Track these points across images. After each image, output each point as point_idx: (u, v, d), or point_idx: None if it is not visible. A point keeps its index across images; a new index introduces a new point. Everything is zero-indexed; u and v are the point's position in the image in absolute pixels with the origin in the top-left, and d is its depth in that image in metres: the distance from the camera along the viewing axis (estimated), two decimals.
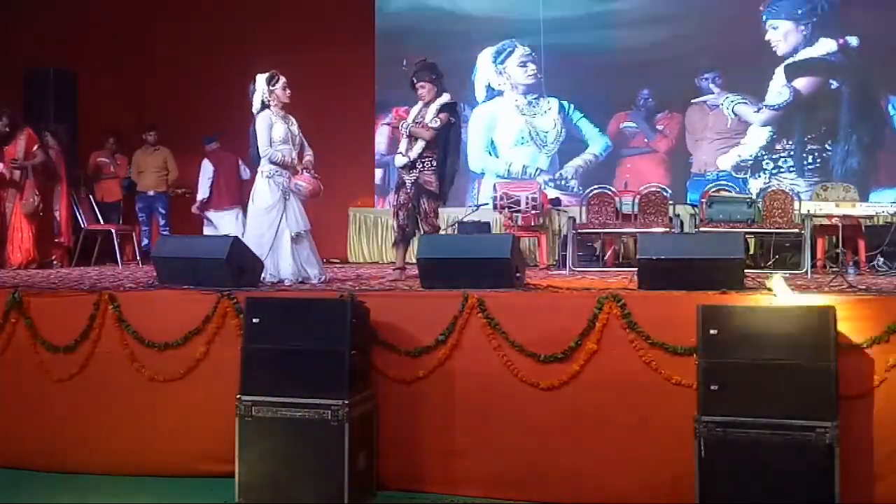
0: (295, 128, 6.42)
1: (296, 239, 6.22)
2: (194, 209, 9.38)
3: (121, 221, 9.84)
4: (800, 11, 10.03)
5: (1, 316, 5.53)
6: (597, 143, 10.65)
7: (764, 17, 10.13)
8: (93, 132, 10.14)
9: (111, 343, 5.38)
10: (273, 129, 6.24)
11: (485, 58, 10.93)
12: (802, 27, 10.03)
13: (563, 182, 10.57)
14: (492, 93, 10.95)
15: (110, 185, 10.05)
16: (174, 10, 11.14)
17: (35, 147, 8.58)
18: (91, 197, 9.80)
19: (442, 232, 7.68)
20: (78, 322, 5.43)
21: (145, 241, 9.87)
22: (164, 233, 9.72)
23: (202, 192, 9.31)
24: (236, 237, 5.91)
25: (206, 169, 9.33)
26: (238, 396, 4.69)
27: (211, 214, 9.35)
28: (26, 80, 10.23)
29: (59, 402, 5.43)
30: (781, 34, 10.09)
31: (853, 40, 9.87)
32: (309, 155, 6.46)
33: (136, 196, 10.06)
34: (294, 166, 6.31)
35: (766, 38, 10.10)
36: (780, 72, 10.06)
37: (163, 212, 9.97)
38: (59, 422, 5.41)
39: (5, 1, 10.87)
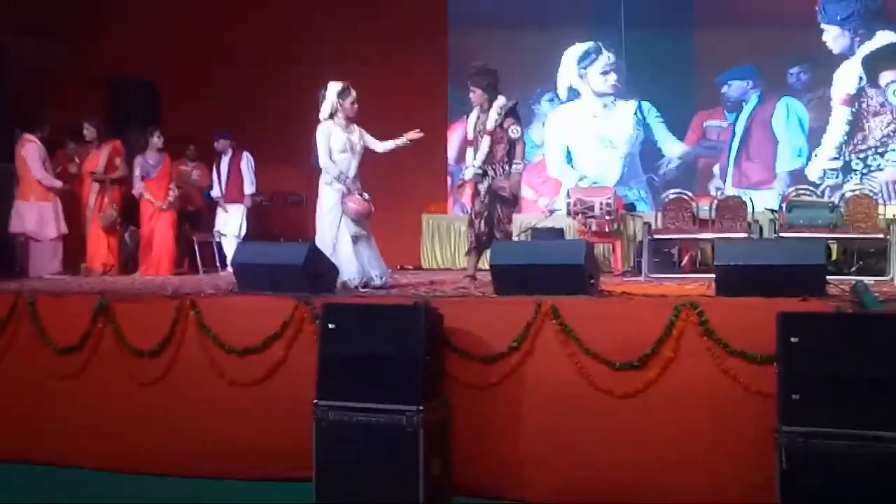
0: (356, 136, 6.50)
1: (356, 240, 6.31)
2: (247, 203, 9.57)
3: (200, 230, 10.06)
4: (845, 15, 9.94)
5: (89, 321, 5.72)
6: (672, 148, 10.52)
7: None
8: (175, 141, 10.41)
9: (193, 348, 5.51)
10: (332, 139, 6.37)
11: (569, 59, 10.86)
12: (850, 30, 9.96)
13: (643, 192, 10.47)
14: (572, 94, 10.90)
15: (190, 194, 10.28)
16: (251, 21, 11.37)
17: (118, 159, 8.83)
18: None
19: (515, 238, 7.67)
20: (161, 327, 5.57)
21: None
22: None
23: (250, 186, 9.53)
24: (312, 243, 6.02)
25: (252, 161, 9.54)
26: (315, 401, 4.75)
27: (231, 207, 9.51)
28: (110, 91, 10.57)
29: (144, 405, 5.58)
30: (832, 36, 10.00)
31: None
32: None
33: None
34: (348, 185, 6.39)
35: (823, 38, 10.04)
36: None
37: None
38: (143, 425, 5.56)
39: (90, 15, 11.24)
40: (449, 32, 11.23)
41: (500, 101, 6.50)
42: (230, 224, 9.33)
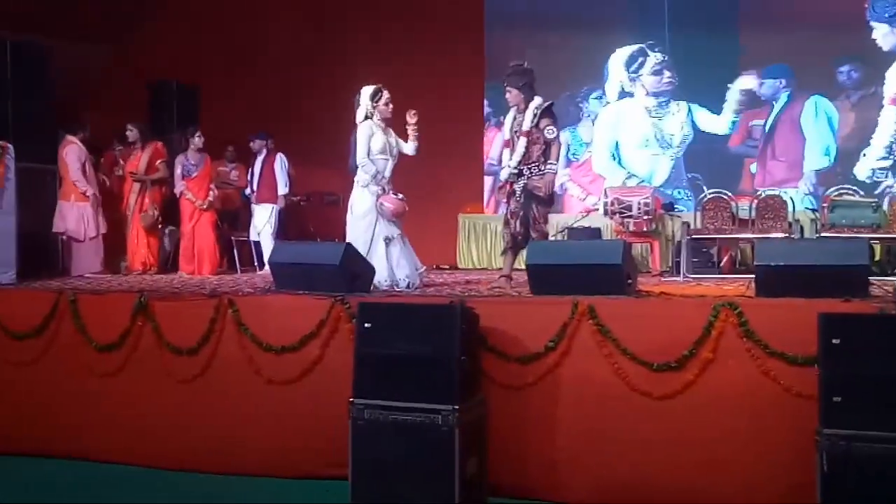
0: (393, 140, 6.54)
1: (388, 242, 6.34)
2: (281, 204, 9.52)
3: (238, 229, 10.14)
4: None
5: (129, 319, 5.80)
6: (720, 124, 10.40)
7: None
8: (214, 143, 10.51)
9: (230, 346, 5.57)
10: (372, 140, 6.40)
11: (616, 63, 10.77)
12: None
13: (687, 192, 10.36)
14: (623, 95, 10.82)
15: (229, 194, 10.37)
16: (288, 24, 11.44)
17: (159, 161, 8.95)
18: None
19: (552, 238, 7.64)
20: (200, 326, 5.64)
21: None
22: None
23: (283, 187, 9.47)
24: (349, 244, 6.04)
25: (285, 162, 9.52)
26: (351, 400, 4.77)
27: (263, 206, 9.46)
28: (151, 93, 10.71)
29: (182, 402, 5.65)
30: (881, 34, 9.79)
31: None
32: None
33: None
34: (383, 184, 6.42)
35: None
36: None
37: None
38: (180, 422, 5.63)
39: (131, 18, 11.39)
40: (486, 32, 11.19)
41: (537, 101, 6.47)
42: (260, 219, 9.41)
